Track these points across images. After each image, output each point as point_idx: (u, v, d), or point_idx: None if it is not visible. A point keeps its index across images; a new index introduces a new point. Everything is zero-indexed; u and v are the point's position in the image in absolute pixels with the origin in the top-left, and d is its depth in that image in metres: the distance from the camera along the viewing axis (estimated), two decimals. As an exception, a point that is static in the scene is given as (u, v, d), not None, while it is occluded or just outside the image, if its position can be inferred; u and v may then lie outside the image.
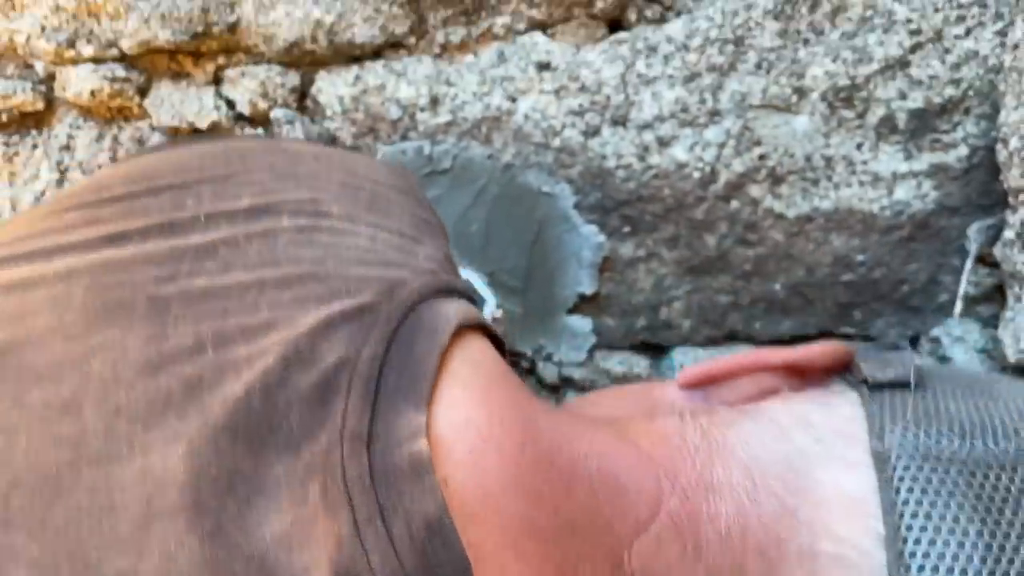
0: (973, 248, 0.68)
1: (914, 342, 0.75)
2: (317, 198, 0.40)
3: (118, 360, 0.33)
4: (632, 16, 0.69)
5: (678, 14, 0.69)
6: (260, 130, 0.71)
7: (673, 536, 0.35)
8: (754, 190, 0.69)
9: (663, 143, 0.68)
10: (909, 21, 0.65)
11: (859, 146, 0.68)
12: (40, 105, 0.69)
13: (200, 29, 0.66)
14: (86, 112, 0.70)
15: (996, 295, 0.69)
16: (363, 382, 0.33)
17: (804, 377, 0.41)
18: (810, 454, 0.36)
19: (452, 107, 0.69)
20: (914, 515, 0.32)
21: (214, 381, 0.32)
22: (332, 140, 0.71)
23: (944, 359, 0.71)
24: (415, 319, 0.36)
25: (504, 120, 0.69)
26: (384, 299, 0.36)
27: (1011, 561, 0.31)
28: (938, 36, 0.66)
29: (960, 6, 0.65)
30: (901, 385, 0.38)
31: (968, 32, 0.65)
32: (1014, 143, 0.62)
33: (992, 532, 0.31)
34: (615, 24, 0.70)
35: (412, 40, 0.68)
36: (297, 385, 0.32)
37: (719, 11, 0.66)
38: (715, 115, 0.68)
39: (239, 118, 0.70)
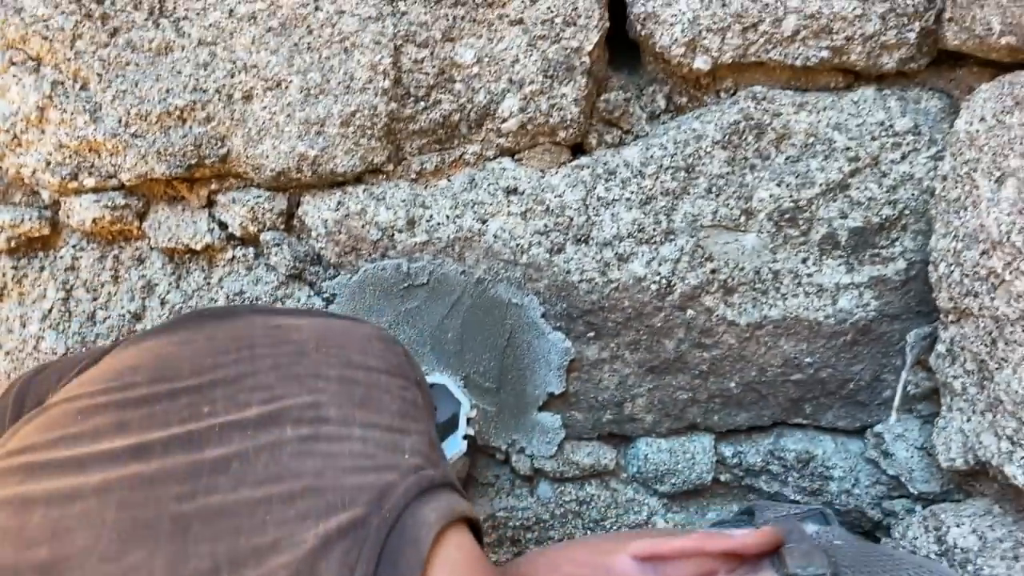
0: (909, 357, 0.73)
1: (861, 432, 0.81)
2: (317, 401, 0.45)
3: None
4: (593, 140, 0.74)
5: (636, 138, 0.74)
6: (251, 250, 0.76)
7: None
8: (708, 300, 0.75)
9: (622, 259, 0.74)
10: (848, 148, 0.71)
11: (804, 260, 0.73)
12: (46, 231, 0.75)
13: (193, 161, 0.72)
14: (89, 235, 0.76)
15: (934, 396, 0.75)
16: None
17: (741, 559, 0.47)
18: None
19: (427, 228, 0.74)
20: None
21: None
22: (317, 258, 0.76)
23: (887, 454, 0.77)
24: (400, 531, 0.41)
25: (475, 240, 0.74)
26: (374, 511, 0.40)
27: None
28: (875, 161, 0.71)
29: (896, 133, 0.70)
30: None
31: (904, 157, 0.71)
32: (942, 268, 0.67)
33: None
34: (578, 147, 0.75)
35: (390, 167, 0.73)
36: None
37: (671, 140, 0.72)
38: (669, 234, 0.73)
39: (231, 239, 0.76)
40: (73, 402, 0.46)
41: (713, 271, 0.74)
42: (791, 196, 0.72)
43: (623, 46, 0.74)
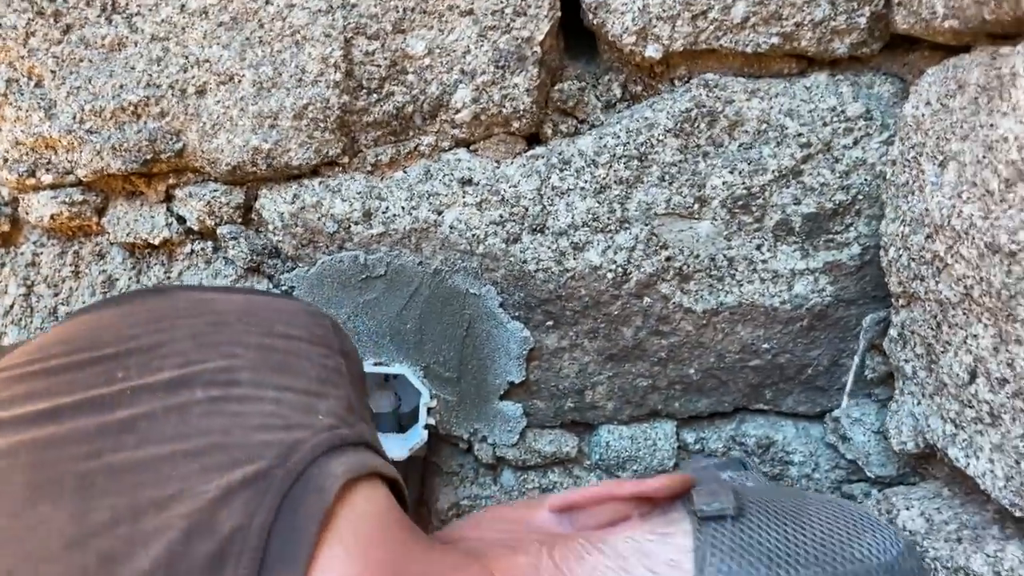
0: (863, 342, 0.74)
1: (821, 417, 0.81)
2: (231, 366, 0.46)
3: (49, 536, 0.39)
4: (548, 130, 0.75)
5: (592, 127, 0.75)
6: (209, 243, 0.77)
7: None
8: (664, 288, 0.75)
9: (578, 248, 0.74)
10: (800, 135, 0.71)
11: (759, 247, 0.74)
12: (6, 227, 0.75)
13: (149, 156, 0.72)
14: (49, 231, 0.77)
15: (891, 380, 0.75)
16: (251, 553, 0.37)
17: (653, 503, 0.48)
18: None
19: (384, 219, 0.75)
20: None
21: (126, 554, 0.38)
22: (275, 251, 0.77)
23: (845, 438, 0.77)
24: (304, 482, 0.40)
25: (432, 231, 0.75)
26: (279, 463, 0.40)
27: None
28: (827, 147, 0.71)
29: (848, 119, 0.71)
30: (730, 519, 0.45)
31: (856, 142, 0.71)
32: (892, 253, 0.68)
33: None
34: (534, 137, 0.75)
35: (345, 159, 0.74)
36: (197, 556, 0.38)
37: (624, 129, 0.72)
38: (624, 223, 0.73)
39: (189, 232, 0.76)
40: (1, 373, 0.47)
41: (668, 259, 0.74)
42: (744, 183, 0.72)
43: (581, 35, 0.74)
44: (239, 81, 0.70)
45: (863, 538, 0.43)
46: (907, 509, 0.66)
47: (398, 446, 0.78)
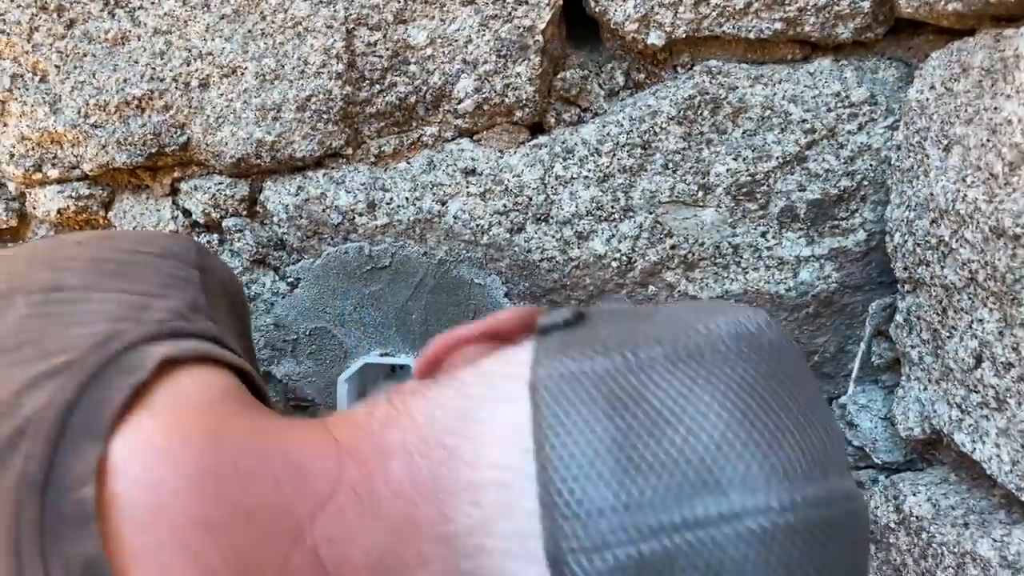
0: (868, 328, 0.73)
1: (828, 404, 0.81)
2: (57, 276, 0.44)
3: None
4: (552, 119, 0.74)
5: (595, 116, 0.74)
6: (215, 236, 0.77)
7: (353, 502, 0.39)
8: (669, 276, 0.75)
9: (582, 237, 0.74)
10: (804, 121, 0.70)
11: (763, 234, 0.73)
12: (14, 222, 0.76)
13: (154, 150, 0.72)
14: (56, 225, 0.77)
15: (897, 366, 0.75)
16: (49, 425, 0.35)
17: (505, 338, 0.45)
18: (480, 400, 0.40)
19: (388, 211, 0.75)
20: (551, 426, 0.36)
21: None
22: (281, 243, 0.77)
23: (852, 425, 0.77)
24: (117, 363, 0.38)
25: (436, 221, 0.75)
26: (93, 352, 0.38)
27: (635, 445, 0.34)
28: (832, 133, 0.71)
29: (852, 104, 0.70)
30: (567, 324, 0.42)
31: (861, 128, 0.71)
32: (897, 238, 0.67)
33: (618, 425, 0.35)
34: (537, 127, 0.75)
35: (349, 151, 0.74)
36: None
37: (627, 117, 0.72)
38: (628, 211, 0.73)
39: (195, 225, 0.77)
40: None
41: (673, 247, 0.74)
42: (748, 170, 0.72)
43: (584, 23, 0.74)
44: (242, 74, 0.71)
45: (714, 316, 0.38)
46: (914, 495, 0.65)
47: (405, 436, 0.78)
